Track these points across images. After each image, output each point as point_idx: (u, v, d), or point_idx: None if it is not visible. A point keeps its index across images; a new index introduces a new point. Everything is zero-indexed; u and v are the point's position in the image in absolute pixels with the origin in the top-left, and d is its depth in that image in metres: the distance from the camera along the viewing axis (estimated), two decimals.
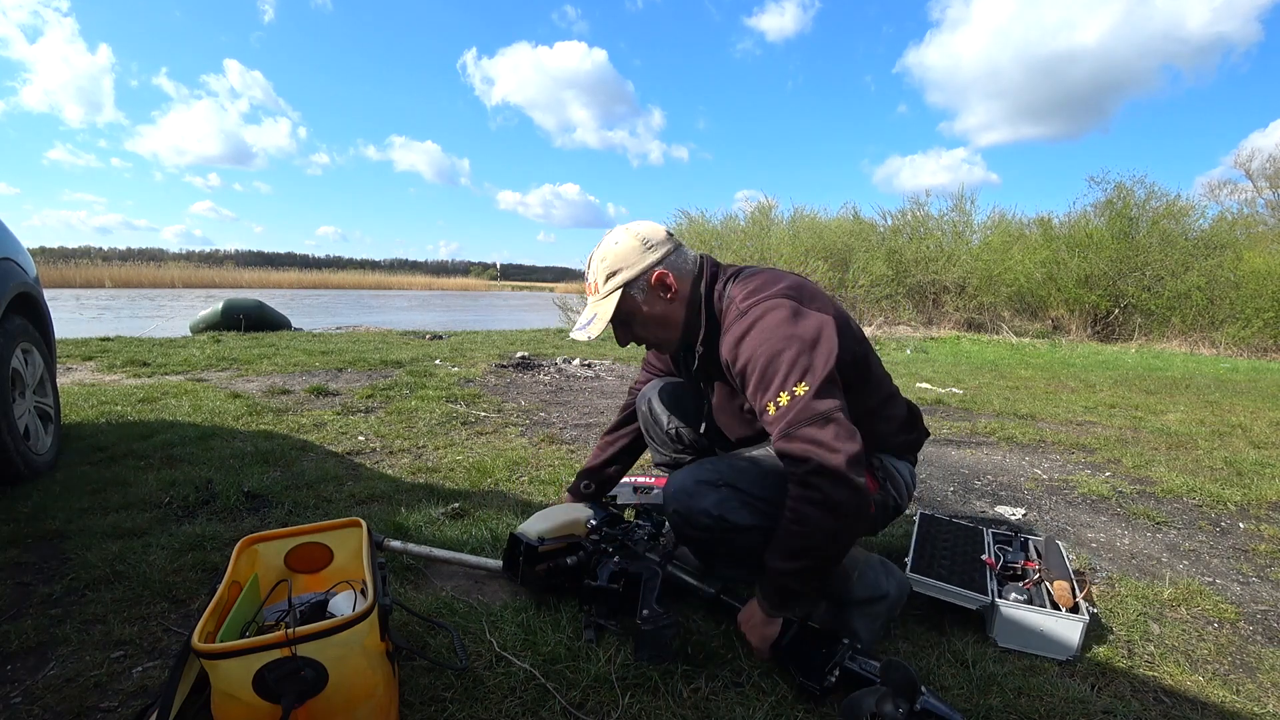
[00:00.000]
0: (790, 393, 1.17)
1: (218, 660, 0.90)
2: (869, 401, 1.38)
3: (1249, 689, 1.30)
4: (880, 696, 1.08)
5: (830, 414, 1.16)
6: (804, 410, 1.16)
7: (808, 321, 1.23)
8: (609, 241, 1.39)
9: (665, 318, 1.39)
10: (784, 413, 1.18)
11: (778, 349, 1.20)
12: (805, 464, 1.14)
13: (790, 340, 1.20)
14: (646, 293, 1.37)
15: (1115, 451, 3.23)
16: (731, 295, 1.33)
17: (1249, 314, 10.69)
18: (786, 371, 1.18)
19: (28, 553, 1.70)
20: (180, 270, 43.74)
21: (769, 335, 1.21)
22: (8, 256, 2.29)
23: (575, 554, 1.48)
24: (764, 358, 1.21)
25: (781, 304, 1.25)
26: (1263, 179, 17.35)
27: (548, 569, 1.47)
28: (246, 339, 7.08)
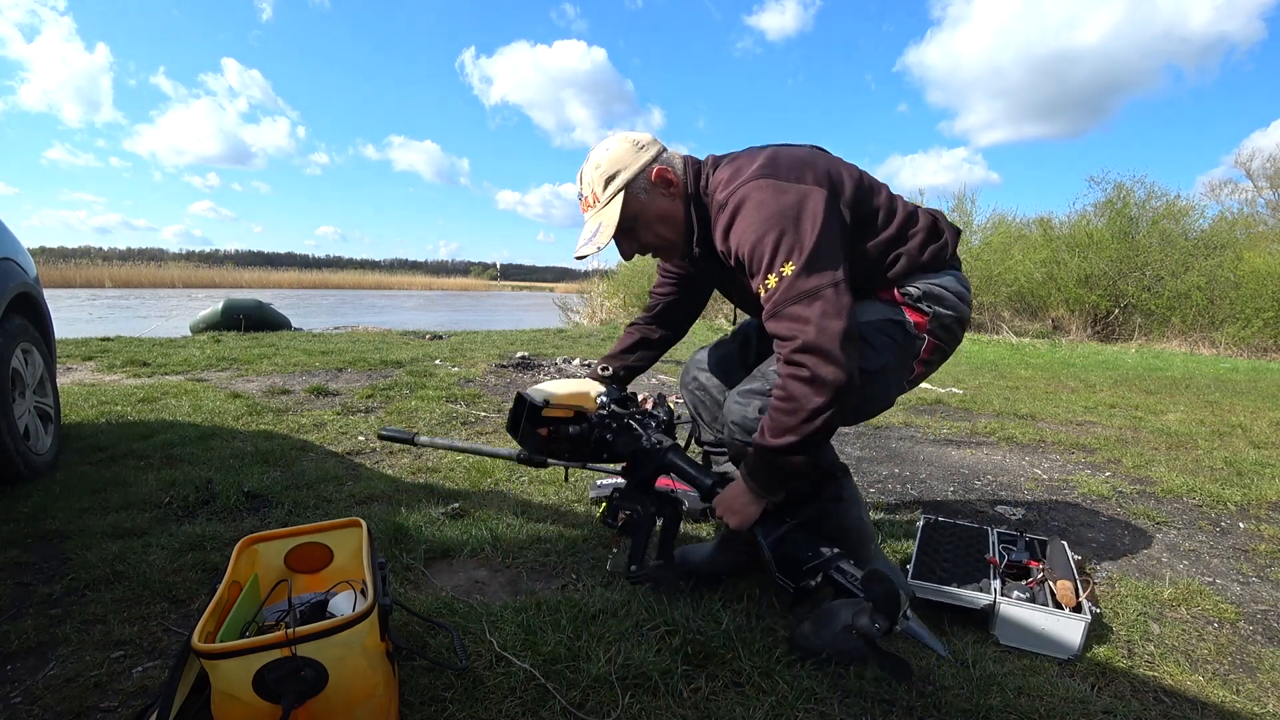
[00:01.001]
0: (778, 274, 1.18)
1: (218, 660, 0.90)
2: (887, 234, 1.35)
3: (1249, 689, 1.30)
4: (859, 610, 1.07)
5: (817, 291, 1.16)
6: (790, 289, 1.16)
7: (787, 198, 1.21)
8: (599, 150, 1.36)
9: (670, 215, 1.37)
10: (771, 294, 1.19)
11: (760, 233, 1.19)
12: (790, 342, 1.16)
13: (771, 222, 1.19)
14: (649, 191, 1.35)
15: (1115, 451, 3.23)
16: (711, 193, 1.33)
17: (1249, 314, 10.68)
18: (772, 254, 1.18)
19: (28, 553, 1.70)
20: (180, 270, 43.76)
21: (751, 221, 1.21)
22: (8, 256, 2.29)
23: (579, 424, 1.49)
24: (749, 244, 1.21)
25: (758, 185, 1.23)
26: (1263, 179, 17.36)
27: (549, 433, 1.49)
28: (246, 339, 7.08)
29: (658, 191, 1.35)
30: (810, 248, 1.17)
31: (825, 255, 1.18)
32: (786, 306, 1.17)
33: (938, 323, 1.38)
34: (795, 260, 1.17)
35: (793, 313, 1.16)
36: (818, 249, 1.17)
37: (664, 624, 1.36)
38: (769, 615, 1.45)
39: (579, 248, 1.36)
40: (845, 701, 1.18)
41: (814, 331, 1.14)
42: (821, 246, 1.18)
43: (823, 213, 1.20)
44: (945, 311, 1.38)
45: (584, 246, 1.35)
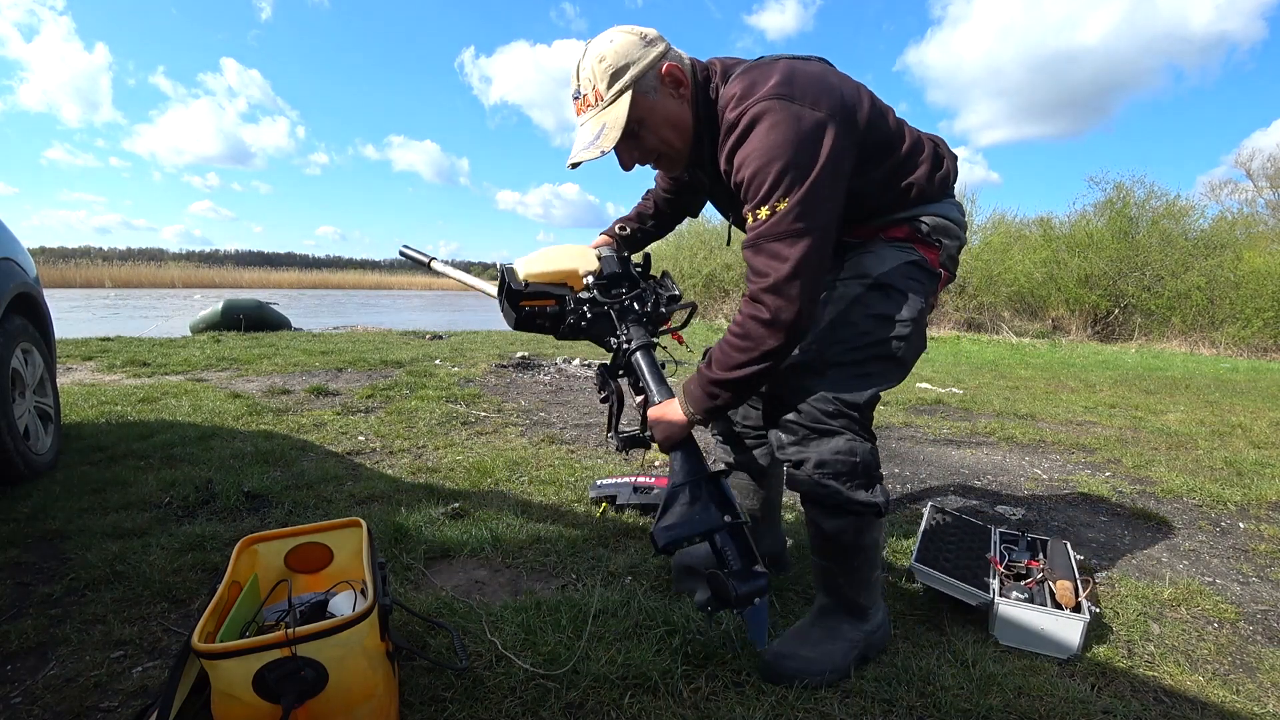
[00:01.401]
0: (772, 207, 1.12)
1: (218, 660, 0.90)
2: (895, 161, 1.28)
3: (1249, 689, 1.30)
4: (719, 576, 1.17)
5: (804, 233, 1.12)
6: (778, 224, 1.12)
7: (801, 125, 1.12)
8: (601, 42, 1.22)
9: (679, 120, 1.26)
10: (759, 224, 1.14)
11: (764, 160, 1.12)
12: (762, 279, 1.13)
13: (778, 150, 1.11)
14: (658, 91, 1.23)
15: (1115, 451, 3.23)
16: (720, 105, 1.22)
17: (1249, 314, 10.68)
18: (772, 185, 1.11)
19: (28, 553, 1.70)
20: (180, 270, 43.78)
21: (759, 145, 1.13)
22: (8, 256, 2.29)
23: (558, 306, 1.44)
24: (751, 170, 1.13)
25: (772, 107, 1.13)
26: (1263, 179, 17.38)
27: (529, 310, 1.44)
28: (246, 339, 7.08)
29: (667, 92, 1.23)
30: (810, 187, 1.11)
31: (823, 197, 1.13)
32: (769, 242, 1.12)
33: (947, 255, 1.35)
34: (793, 196, 1.11)
35: (774, 249, 1.12)
36: (817, 189, 1.11)
37: (664, 624, 1.36)
38: (769, 616, 1.45)
39: (576, 153, 1.23)
40: (845, 701, 1.18)
41: (787, 272, 1.11)
42: (822, 188, 1.12)
43: (831, 148, 1.13)
44: (951, 243, 1.35)
45: (583, 151, 1.21)
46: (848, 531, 1.25)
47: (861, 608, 1.31)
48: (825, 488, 1.23)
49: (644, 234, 1.70)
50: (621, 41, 1.20)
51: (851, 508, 1.23)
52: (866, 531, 1.26)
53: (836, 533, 1.26)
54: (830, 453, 1.22)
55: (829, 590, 1.32)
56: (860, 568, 1.29)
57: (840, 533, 1.26)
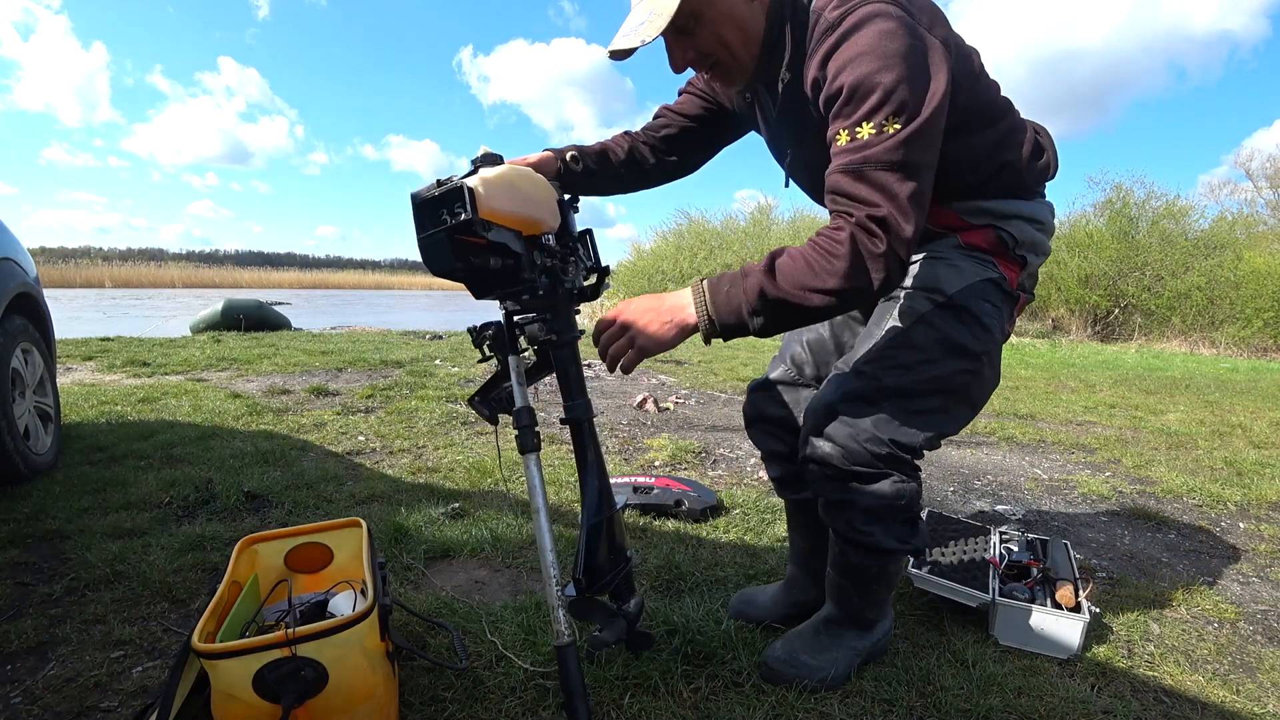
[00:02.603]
0: (878, 125, 0.93)
1: (218, 660, 0.90)
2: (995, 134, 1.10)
3: (1249, 689, 1.30)
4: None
5: (917, 169, 0.93)
6: (888, 150, 0.92)
7: (918, 43, 0.95)
8: None
9: (746, 22, 1.05)
10: (860, 145, 0.94)
11: (873, 68, 0.92)
12: (870, 207, 0.93)
13: (892, 61, 0.92)
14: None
15: (1115, 451, 3.23)
16: (816, 7, 1.02)
17: (1249, 314, 10.69)
18: (881, 98, 0.92)
19: (28, 553, 1.70)
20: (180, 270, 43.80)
21: (868, 47, 0.93)
22: (8, 256, 2.29)
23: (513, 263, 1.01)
24: (858, 74, 0.93)
25: (887, 11, 0.95)
26: (1263, 179, 17.36)
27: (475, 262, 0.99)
28: (246, 339, 7.08)
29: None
30: (929, 116, 0.93)
31: (935, 133, 0.95)
32: (875, 170, 0.92)
33: (1028, 274, 1.18)
34: (903, 118, 0.92)
35: (882, 179, 0.92)
36: (934, 120, 0.94)
37: (664, 624, 1.36)
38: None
39: (617, 39, 1.04)
40: (845, 701, 1.18)
41: (904, 208, 0.92)
42: (937, 121, 0.94)
43: (947, 81, 0.95)
44: (1035, 260, 1.17)
45: (625, 38, 1.02)
46: (875, 566, 1.18)
47: (870, 621, 1.26)
48: (863, 534, 1.13)
49: (594, 178, 1.36)
50: None
51: (887, 550, 1.14)
52: (894, 564, 1.20)
53: (863, 566, 1.18)
54: (875, 499, 1.10)
55: (840, 604, 1.26)
56: (878, 591, 1.23)
57: (867, 567, 1.18)
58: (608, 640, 1.15)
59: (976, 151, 1.09)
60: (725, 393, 4.53)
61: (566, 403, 1.13)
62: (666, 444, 2.93)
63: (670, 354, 6.74)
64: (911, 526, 1.15)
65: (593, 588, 1.10)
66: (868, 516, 1.11)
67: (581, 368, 1.16)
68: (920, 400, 1.08)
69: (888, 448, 1.07)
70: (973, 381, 1.12)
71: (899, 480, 1.10)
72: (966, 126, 1.05)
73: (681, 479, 2.25)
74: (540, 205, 1.06)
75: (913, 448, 1.09)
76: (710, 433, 3.31)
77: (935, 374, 1.08)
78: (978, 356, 1.10)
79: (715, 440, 3.13)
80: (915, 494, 1.12)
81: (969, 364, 1.10)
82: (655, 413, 3.74)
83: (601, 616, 1.15)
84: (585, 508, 1.14)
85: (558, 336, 1.10)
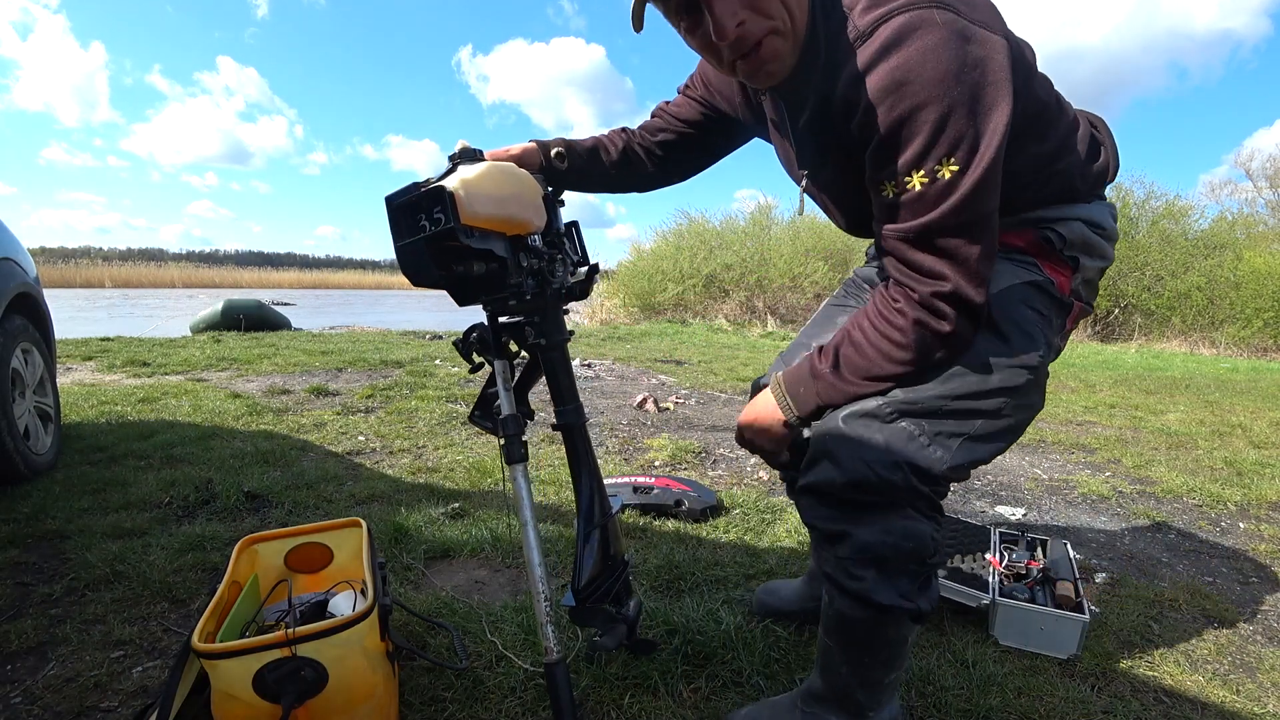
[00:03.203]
0: (930, 173, 0.79)
1: (218, 660, 0.90)
2: (1051, 139, 0.94)
3: (1249, 689, 1.30)
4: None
5: (985, 219, 0.81)
6: (951, 213, 0.79)
7: (967, 53, 0.77)
8: None
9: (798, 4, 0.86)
10: (915, 201, 0.80)
11: (918, 99, 0.77)
12: (939, 282, 0.82)
13: (941, 88, 0.76)
14: None
15: (1115, 451, 3.23)
16: (847, 4, 0.86)
17: (1249, 314, 10.69)
18: (929, 139, 0.78)
19: (28, 553, 1.70)
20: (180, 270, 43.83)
21: (908, 73, 0.77)
22: (8, 256, 2.29)
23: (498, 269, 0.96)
24: (895, 111, 0.79)
25: (929, 18, 0.78)
26: (1263, 179, 17.36)
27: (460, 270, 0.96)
28: (246, 339, 7.08)
29: None
30: (990, 156, 0.78)
31: (997, 171, 0.80)
32: (942, 237, 0.80)
33: (1082, 279, 1.00)
34: (959, 157, 0.77)
35: (947, 246, 0.80)
36: (997, 159, 0.79)
37: (664, 624, 1.36)
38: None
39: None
40: None
41: (969, 284, 0.81)
42: (999, 157, 0.79)
43: (1012, 89, 0.79)
44: (1092, 264, 1.00)
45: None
46: (865, 623, 0.95)
47: (858, 705, 1.00)
48: (855, 577, 0.92)
49: (582, 176, 1.23)
50: None
51: (881, 606, 0.91)
52: (892, 627, 0.95)
53: (851, 620, 0.96)
54: (878, 534, 0.90)
55: (825, 674, 1.03)
56: (871, 665, 0.97)
57: (855, 622, 0.95)
58: (609, 646, 1.15)
59: (1031, 165, 0.93)
60: (725, 393, 4.53)
61: (557, 408, 1.10)
62: (666, 444, 2.93)
63: (670, 354, 6.74)
64: (917, 580, 0.93)
65: (592, 596, 1.08)
66: (863, 556, 0.91)
67: (572, 372, 1.12)
68: (947, 421, 0.90)
69: (902, 472, 0.87)
70: (1009, 405, 0.92)
71: (909, 516, 0.90)
72: (1021, 136, 0.89)
73: (681, 479, 2.25)
74: (525, 204, 0.99)
75: (934, 476, 0.89)
76: (710, 433, 3.30)
77: (963, 392, 0.90)
78: (1019, 372, 0.91)
79: (715, 440, 3.13)
80: (928, 539, 0.91)
81: (1005, 380, 0.90)
82: (655, 413, 3.74)
83: (602, 623, 1.14)
84: (580, 515, 1.11)
85: (546, 340, 1.05)
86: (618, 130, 1.29)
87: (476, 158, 1.00)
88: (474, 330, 1.08)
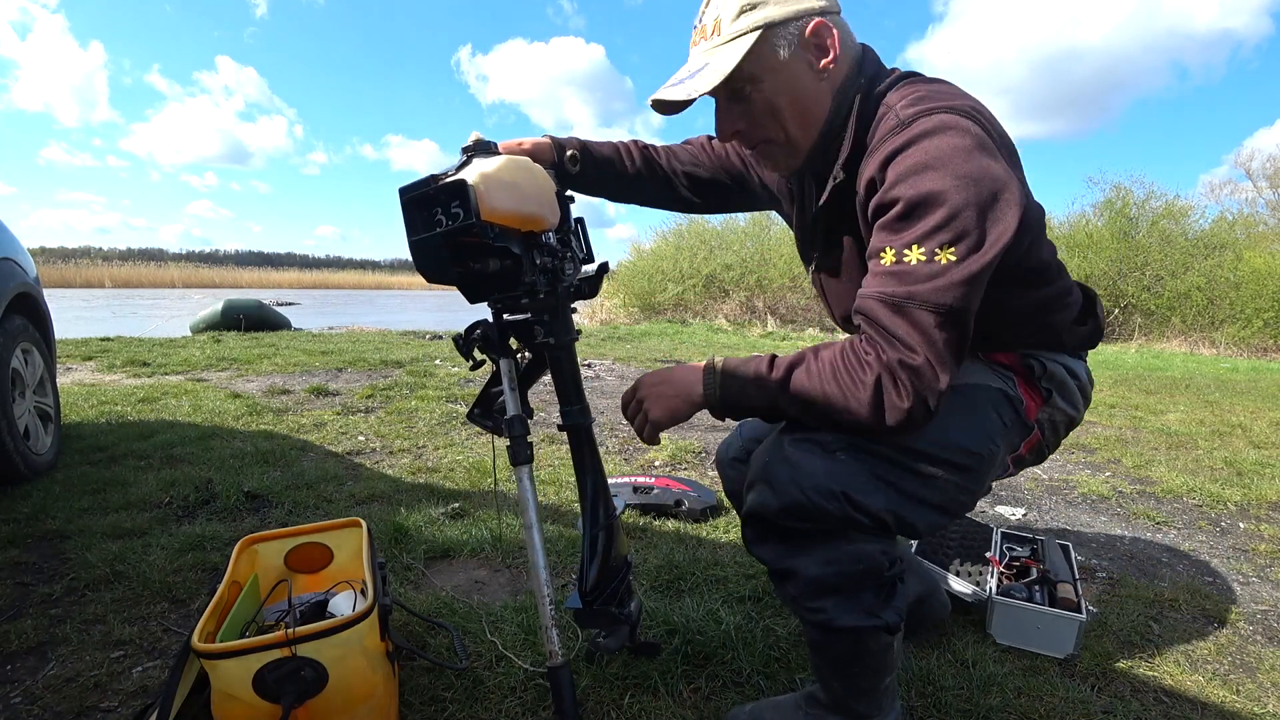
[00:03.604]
0: (929, 252, 0.82)
1: (218, 660, 0.90)
2: (1046, 293, 1.02)
3: (1249, 689, 1.30)
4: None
5: (960, 315, 0.83)
6: (939, 291, 0.81)
7: (991, 168, 0.83)
8: None
9: (806, 99, 0.95)
10: (908, 273, 0.83)
11: (939, 185, 0.82)
12: (908, 353, 0.83)
13: (962, 183, 0.81)
14: (794, 48, 0.92)
15: (1115, 451, 3.23)
16: (889, 102, 0.92)
17: (1249, 314, 10.69)
18: (940, 222, 0.82)
19: (28, 553, 1.70)
20: (180, 270, 43.83)
21: (935, 160, 0.83)
22: (8, 256, 2.29)
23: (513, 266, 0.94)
24: (916, 190, 0.83)
25: (964, 126, 0.85)
26: (1263, 179, 17.36)
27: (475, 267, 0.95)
28: (246, 339, 7.08)
29: (804, 56, 0.93)
30: (987, 257, 0.82)
31: (987, 277, 0.84)
32: (920, 309, 0.82)
33: (1049, 415, 1.06)
34: (959, 250, 0.81)
35: (924, 321, 0.82)
36: (992, 264, 0.83)
37: (664, 624, 1.36)
38: (769, 615, 1.45)
39: (665, 87, 0.96)
40: None
41: (936, 365, 0.82)
42: (993, 264, 0.83)
43: (1015, 222, 0.84)
44: (1062, 405, 1.07)
45: (674, 88, 0.94)
46: (839, 644, 0.96)
47: (858, 713, 1.01)
48: (814, 610, 0.92)
49: (588, 181, 1.24)
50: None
51: (849, 629, 0.92)
52: (870, 642, 0.95)
53: (825, 646, 0.98)
54: (822, 565, 0.90)
55: (821, 684, 1.04)
56: (861, 677, 0.98)
57: (829, 647, 0.97)
58: (612, 648, 1.15)
59: (1017, 309, 0.99)
60: None
61: (564, 408, 1.08)
62: (666, 444, 2.93)
63: (670, 354, 6.74)
64: (880, 593, 0.93)
65: (597, 599, 1.08)
66: (816, 589, 0.91)
67: (579, 371, 1.10)
68: (885, 466, 0.90)
69: (838, 501, 0.87)
70: (948, 478, 0.92)
71: (854, 540, 0.90)
72: (1012, 282, 0.94)
73: (681, 479, 2.25)
74: (542, 201, 0.97)
75: (870, 512, 0.88)
76: (710, 433, 3.31)
77: (910, 446, 0.90)
78: (960, 453, 0.92)
79: (715, 440, 3.13)
80: (877, 556, 0.91)
81: (952, 455, 0.92)
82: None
83: (606, 625, 1.14)
84: (584, 517, 1.11)
85: (555, 339, 1.03)
86: (633, 142, 1.30)
87: (491, 150, 0.98)
88: (477, 327, 1.06)
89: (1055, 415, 1.07)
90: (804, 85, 0.94)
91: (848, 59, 0.96)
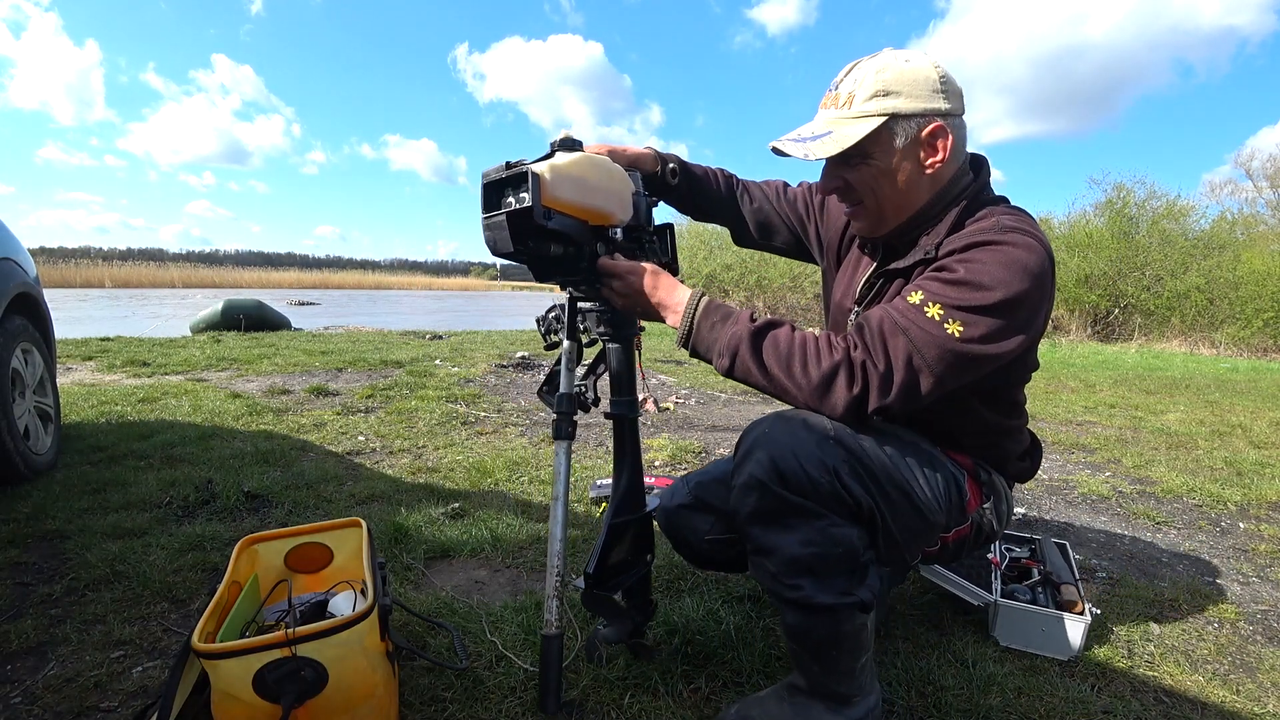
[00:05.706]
0: (946, 316, 0.91)
1: (218, 660, 0.90)
2: (1008, 422, 1.16)
3: (1249, 689, 1.30)
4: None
5: (937, 384, 0.92)
6: (931, 347, 0.91)
7: (1036, 302, 0.94)
8: (898, 58, 1.01)
9: (905, 187, 1.05)
10: (918, 315, 0.92)
11: (991, 278, 0.91)
12: (876, 360, 0.92)
13: (1009, 288, 0.91)
14: (910, 142, 1.02)
15: (1115, 451, 3.23)
16: (994, 211, 1.03)
17: (1249, 314, 10.69)
18: (971, 304, 0.91)
19: (28, 553, 1.70)
20: (180, 270, 43.82)
21: (1003, 260, 0.92)
22: (8, 256, 2.29)
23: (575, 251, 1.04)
24: (971, 270, 0.92)
25: (1041, 258, 0.94)
26: (1263, 178, 17.35)
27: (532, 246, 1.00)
28: (246, 339, 7.08)
29: (915, 151, 1.02)
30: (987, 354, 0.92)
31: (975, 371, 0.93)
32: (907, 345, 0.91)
33: (980, 517, 1.15)
34: (966, 333, 0.90)
35: (904, 355, 0.91)
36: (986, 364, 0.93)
37: (664, 624, 1.36)
38: (769, 615, 1.45)
39: (788, 140, 1.05)
40: None
41: (892, 388, 0.91)
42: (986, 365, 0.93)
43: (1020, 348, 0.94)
44: (991, 515, 1.17)
45: (792, 143, 1.04)
46: (819, 627, 0.99)
47: (842, 696, 1.04)
48: (790, 588, 0.96)
49: (684, 197, 1.37)
50: (914, 69, 1.01)
51: (826, 607, 0.96)
52: (846, 623, 0.98)
53: (804, 628, 1.00)
54: (802, 545, 0.94)
55: (800, 670, 1.06)
56: (840, 659, 1.01)
57: (808, 626, 0.99)
58: (611, 638, 1.15)
59: (984, 422, 1.12)
60: (725, 392, 4.53)
61: (613, 398, 1.16)
62: (666, 444, 2.93)
63: (670, 354, 6.74)
64: (854, 574, 0.97)
65: (603, 584, 1.12)
66: (794, 566, 0.95)
67: (635, 366, 1.18)
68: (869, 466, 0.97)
69: (830, 478, 0.92)
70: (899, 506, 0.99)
71: (836, 524, 0.94)
72: (989, 401, 1.09)
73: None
74: (610, 197, 1.06)
75: (855, 495, 0.95)
76: (710, 433, 3.31)
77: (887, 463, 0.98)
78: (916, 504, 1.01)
79: (715, 440, 3.13)
80: (854, 542, 0.96)
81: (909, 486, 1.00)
82: (655, 413, 3.74)
83: (608, 612, 1.15)
84: (613, 503, 1.16)
85: (614, 331, 1.13)
86: (720, 170, 1.43)
87: (575, 147, 1.06)
88: (553, 309, 1.16)
89: (984, 519, 1.17)
90: (908, 175, 1.04)
91: (954, 163, 1.06)
